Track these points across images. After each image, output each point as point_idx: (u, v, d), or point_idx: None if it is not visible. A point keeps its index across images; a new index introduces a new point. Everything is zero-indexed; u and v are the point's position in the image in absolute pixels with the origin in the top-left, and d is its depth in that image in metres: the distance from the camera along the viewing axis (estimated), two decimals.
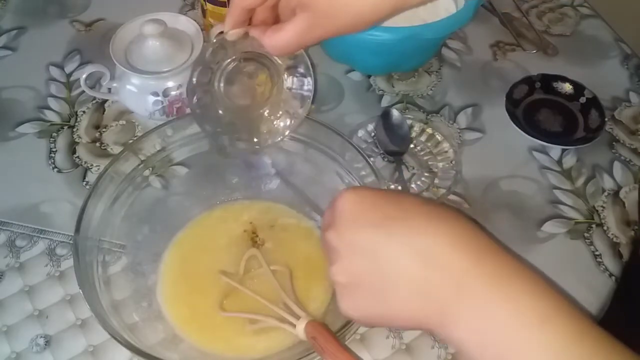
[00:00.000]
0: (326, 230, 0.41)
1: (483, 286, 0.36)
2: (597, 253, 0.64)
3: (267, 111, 0.57)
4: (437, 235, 0.38)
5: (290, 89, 0.56)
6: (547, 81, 0.77)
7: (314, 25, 0.46)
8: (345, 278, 0.40)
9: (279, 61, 0.54)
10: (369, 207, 0.40)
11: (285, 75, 0.55)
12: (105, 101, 0.77)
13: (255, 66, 0.56)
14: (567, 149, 0.72)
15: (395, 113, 0.72)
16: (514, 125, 0.73)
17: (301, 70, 0.55)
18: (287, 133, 0.57)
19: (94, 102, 0.77)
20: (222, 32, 0.52)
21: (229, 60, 0.55)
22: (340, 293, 0.41)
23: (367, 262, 0.39)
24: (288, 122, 0.57)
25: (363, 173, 0.58)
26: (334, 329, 0.48)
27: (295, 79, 0.56)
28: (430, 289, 0.37)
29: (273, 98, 0.56)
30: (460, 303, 0.36)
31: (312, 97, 0.56)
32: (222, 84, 0.55)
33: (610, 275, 0.63)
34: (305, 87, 0.55)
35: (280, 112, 0.57)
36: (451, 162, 0.70)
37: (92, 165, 0.71)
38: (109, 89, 0.73)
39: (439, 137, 0.72)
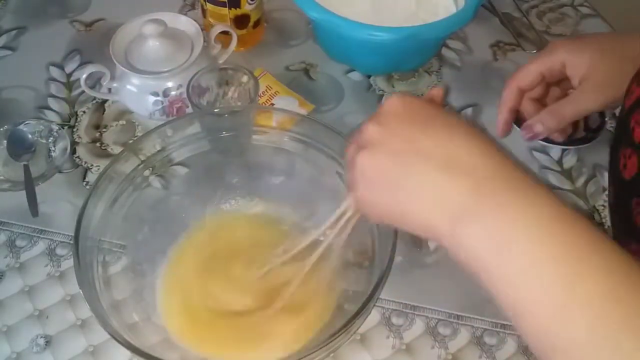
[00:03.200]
0: (368, 122, 0.42)
1: (500, 192, 0.36)
2: None
3: None
4: (465, 147, 0.38)
5: None
6: None
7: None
8: (372, 167, 0.41)
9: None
10: (415, 110, 0.41)
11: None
12: (105, 101, 0.77)
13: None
14: (567, 149, 0.72)
15: None
16: (514, 125, 0.73)
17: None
18: None
19: (94, 102, 0.77)
20: None
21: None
22: (360, 179, 0.41)
23: (394, 158, 0.40)
24: None
25: None
26: (334, 330, 0.48)
27: None
28: (448, 192, 0.37)
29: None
30: (475, 205, 0.36)
31: None
32: None
33: None
34: None
35: None
36: None
37: (92, 165, 0.71)
38: (109, 89, 0.73)
39: None
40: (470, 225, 0.36)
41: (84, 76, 0.71)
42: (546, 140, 0.71)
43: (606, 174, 0.71)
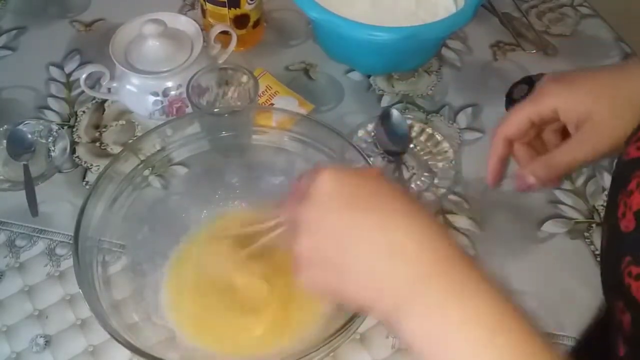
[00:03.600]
0: (301, 203, 0.41)
1: (442, 287, 0.37)
2: (597, 252, 0.64)
3: None
4: (408, 233, 0.38)
5: None
6: None
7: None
8: (310, 252, 0.41)
9: None
10: (349, 190, 0.41)
11: None
12: (105, 101, 0.77)
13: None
14: None
15: (395, 113, 0.72)
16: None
17: None
18: None
19: (93, 102, 0.77)
20: None
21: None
22: (300, 265, 0.41)
23: (335, 242, 0.39)
24: None
25: None
26: (330, 333, 0.48)
27: None
28: (390, 281, 0.38)
29: None
30: (415, 300, 0.37)
31: None
32: None
33: None
34: None
35: None
36: (451, 162, 0.70)
37: (92, 165, 0.71)
38: (109, 89, 0.73)
39: (438, 137, 0.72)
40: (404, 319, 0.37)
41: (84, 76, 0.71)
42: None
43: (606, 175, 0.71)
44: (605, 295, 0.53)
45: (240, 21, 0.79)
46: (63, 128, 0.74)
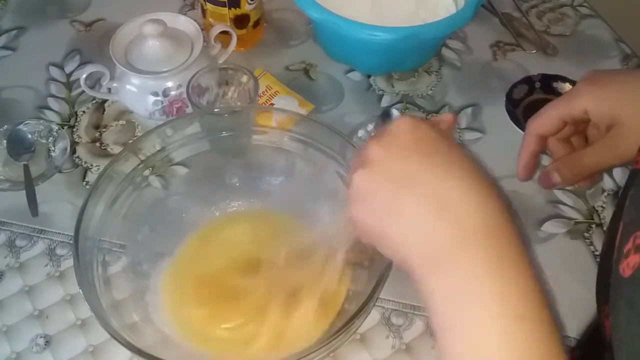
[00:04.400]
0: (373, 140, 0.42)
1: (480, 256, 0.37)
2: (596, 253, 0.64)
3: None
4: (463, 193, 0.38)
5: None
6: (547, 81, 0.77)
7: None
8: (366, 187, 0.41)
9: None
10: (421, 138, 0.41)
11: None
12: (105, 101, 0.77)
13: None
14: None
15: (395, 113, 0.72)
16: (514, 125, 0.73)
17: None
18: None
19: (93, 102, 0.77)
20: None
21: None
22: (353, 196, 0.42)
23: (392, 183, 0.40)
24: None
25: None
26: (331, 333, 0.48)
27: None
28: (433, 234, 0.38)
29: None
30: (453, 260, 0.37)
31: None
32: None
33: None
34: None
35: None
36: None
37: (92, 165, 0.71)
38: (109, 89, 0.73)
39: None
40: (435, 275, 0.38)
41: (84, 76, 0.71)
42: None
43: (606, 175, 0.71)
44: (597, 298, 0.54)
45: (240, 21, 0.79)
46: (63, 128, 0.74)
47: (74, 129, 0.75)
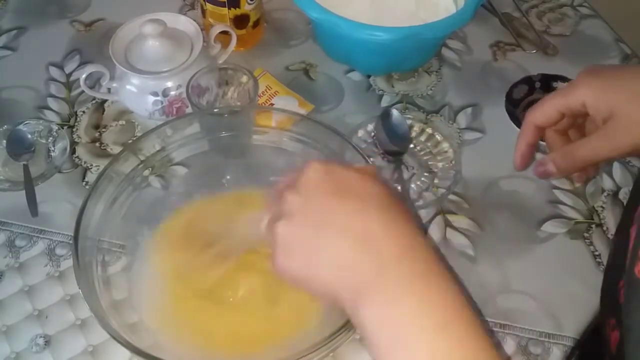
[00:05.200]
0: (289, 191, 0.43)
1: (401, 280, 0.39)
2: (596, 253, 0.64)
3: None
4: (380, 222, 0.41)
5: None
6: (547, 81, 0.77)
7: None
8: (289, 236, 0.42)
9: None
10: (334, 179, 0.43)
11: None
12: (104, 101, 0.77)
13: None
14: None
15: (395, 113, 0.72)
16: (514, 125, 0.73)
17: None
18: None
19: (93, 102, 0.77)
20: None
21: None
22: (278, 249, 0.43)
23: (312, 226, 0.42)
24: None
25: None
26: (331, 332, 0.48)
27: None
28: (355, 268, 0.40)
29: None
30: (376, 288, 0.39)
31: None
32: None
33: None
34: None
35: None
36: (451, 162, 0.70)
37: (91, 165, 0.71)
38: (109, 89, 0.73)
39: (438, 137, 0.72)
40: (366, 306, 0.39)
41: (84, 76, 0.71)
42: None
43: (605, 176, 0.71)
44: (600, 311, 0.55)
45: (240, 21, 0.79)
46: (63, 128, 0.74)
47: (74, 129, 0.75)
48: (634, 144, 0.51)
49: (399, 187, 0.68)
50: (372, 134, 0.73)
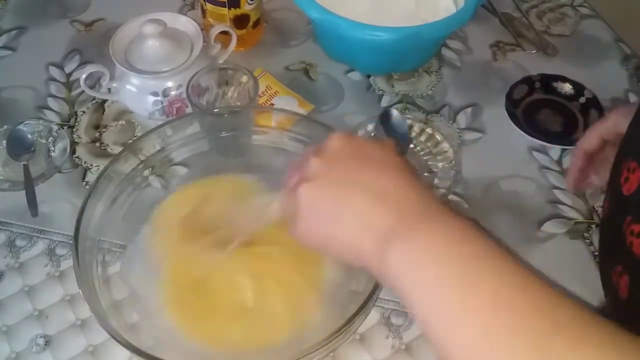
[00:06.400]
0: (313, 156, 0.45)
1: (422, 221, 0.39)
2: (596, 253, 0.64)
3: None
4: (402, 187, 0.42)
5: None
6: (547, 81, 0.77)
7: None
8: (311, 197, 0.43)
9: None
10: (355, 146, 0.45)
11: None
12: (105, 101, 0.77)
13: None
14: (567, 149, 0.72)
15: (394, 113, 0.72)
16: (514, 125, 0.73)
17: None
18: None
19: (93, 102, 0.77)
20: None
21: None
22: (301, 210, 0.44)
23: (334, 189, 0.43)
24: None
25: None
26: (333, 330, 0.48)
27: None
28: (378, 217, 0.40)
29: None
30: (402, 229, 0.39)
31: None
32: None
33: None
34: None
35: None
36: (451, 162, 0.70)
37: (91, 165, 0.71)
38: (109, 89, 0.73)
39: (438, 137, 0.72)
40: (392, 247, 0.39)
41: (84, 76, 0.71)
42: (546, 140, 0.72)
43: None
44: (601, 263, 0.56)
45: (240, 21, 0.79)
46: (63, 128, 0.74)
47: (74, 129, 0.75)
48: None
49: None
50: (372, 134, 0.73)
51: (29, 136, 0.72)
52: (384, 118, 0.72)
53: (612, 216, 0.51)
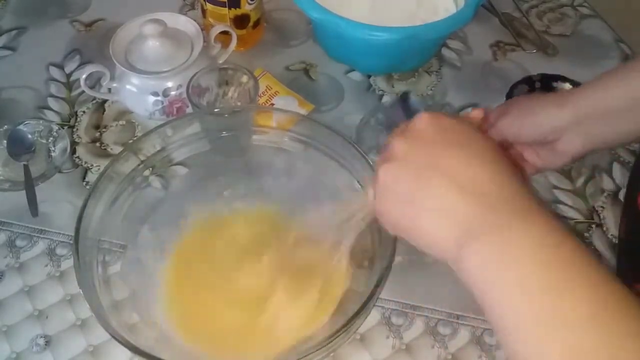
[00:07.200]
0: (396, 137, 0.43)
1: (509, 219, 0.37)
2: (596, 253, 0.64)
3: None
4: (488, 173, 0.39)
5: None
6: (547, 81, 0.77)
7: None
8: (390, 179, 0.42)
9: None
10: (442, 129, 0.42)
11: None
12: (105, 101, 0.77)
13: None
14: None
15: (412, 97, 0.72)
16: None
17: None
18: None
19: (93, 102, 0.77)
20: None
21: None
22: (380, 191, 0.43)
23: (416, 173, 0.41)
24: None
25: (363, 173, 0.58)
26: (332, 332, 0.48)
27: None
28: (462, 213, 0.38)
29: None
30: (485, 226, 0.37)
31: None
32: None
33: None
34: None
35: None
36: None
37: (92, 165, 0.71)
38: (109, 89, 0.73)
39: None
40: (472, 244, 0.37)
41: (84, 76, 0.71)
42: None
43: (605, 176, 0.71)
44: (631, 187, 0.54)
45: (240, 21, 0.79)
46: (63, 128, 0.74)
47: (74, 129, 0.75)
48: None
49: None
50: (380, 122, 0.72)
51: (29, 136, 0.72)
52: (403, 99, 0.72)
53: (629, 233, 0.49)
